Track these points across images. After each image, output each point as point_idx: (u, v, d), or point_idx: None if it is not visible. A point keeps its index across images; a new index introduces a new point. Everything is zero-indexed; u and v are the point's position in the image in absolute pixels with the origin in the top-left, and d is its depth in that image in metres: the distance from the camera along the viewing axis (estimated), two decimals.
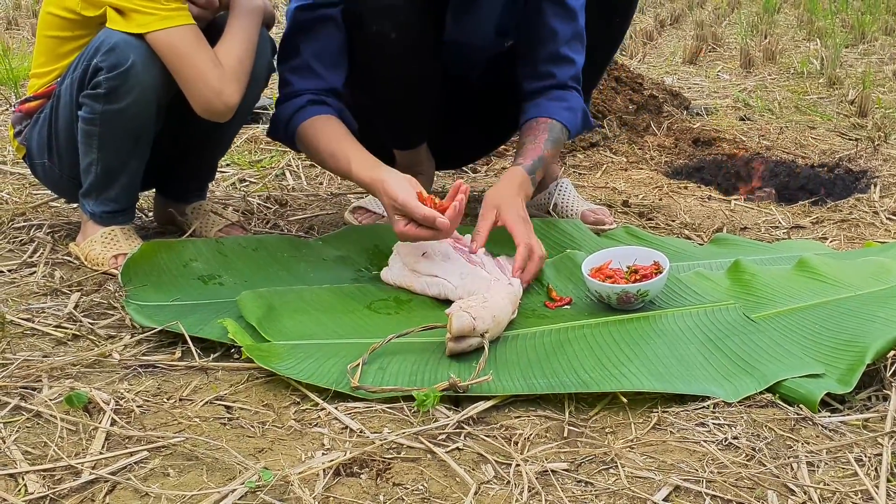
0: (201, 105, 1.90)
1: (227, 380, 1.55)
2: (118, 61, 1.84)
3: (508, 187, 2.02)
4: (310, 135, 2.05)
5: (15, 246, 2.14)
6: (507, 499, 1.23)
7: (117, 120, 1.90)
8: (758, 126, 3.80)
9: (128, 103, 1.88)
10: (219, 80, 1.88)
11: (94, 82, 1.88)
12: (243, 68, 1.94)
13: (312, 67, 2.10)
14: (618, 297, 1.77)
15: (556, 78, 2.22)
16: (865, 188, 2.98)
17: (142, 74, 1.86)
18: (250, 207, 2.53)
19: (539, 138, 2.15)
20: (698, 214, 2.68)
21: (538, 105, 2.22)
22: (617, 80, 3.70)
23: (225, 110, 1.91)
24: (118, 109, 1.89)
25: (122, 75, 1.85)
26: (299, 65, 2.10)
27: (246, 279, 1.88)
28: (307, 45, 2.10)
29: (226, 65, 1.90)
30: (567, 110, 2.21)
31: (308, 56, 2.10)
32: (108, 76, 1.85)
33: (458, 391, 1.46)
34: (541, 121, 2.19)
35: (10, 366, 1.53)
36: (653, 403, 1.50)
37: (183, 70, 1.88)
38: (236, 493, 1.20)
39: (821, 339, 1.69)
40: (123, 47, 1.84)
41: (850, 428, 1.46)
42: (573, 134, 2.27)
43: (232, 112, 1.93)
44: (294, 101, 2.09)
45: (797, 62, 5.28)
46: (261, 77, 2.07)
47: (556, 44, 2.19)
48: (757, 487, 1.28)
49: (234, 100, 1.91)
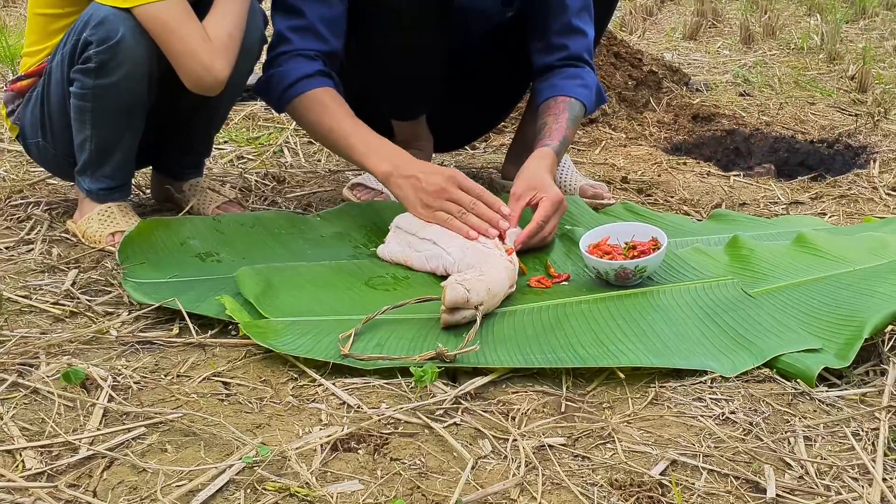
0: (191, 80, 1.89)
1: (224, 356, 1.55)
2: (108, 34, 1.83)
3: (540, 167, 2.01)
4: (310, 106, 2.02)
5: (12, 223, 2.13)
6: (504, 473, 1.24)
7: (109, 94, 1.89)
8: (757, 102, 3.78)
9: (119, 77, 1.87)
10: (208, 55, 1.87)
11: (85, 56, 1.86)
12: (233, 42, 1.92)
13: (318, 30, 2.06)
14: (616, 273, 1.76)
15: (569, 50, 2.21)
16: (865, 164, 2.97)
17: (132, 47, 1.85)
18: (248, 184, 2.52)
19: (561, 118, 2.14)
20: (697, 190, 2.67)
21: (554, 85, 2.21)
22: (616, 56, 3.68)
23: (215, 84, 1.90)
24: (110, 83, 1.88)
25: (112, 48, 1.84)
26: (303, 25, 2.06)
27: (243, 256, 1.88)
28: (312, 6, 2.06)
29: (215, 38, 1.88)
30: (583, 87, 2.21)
31: (313, 18, 2.05)
32: (97, 50, 1.84)
33: (446, 360, 1.46)
34: (559, 99, 2.18)
35: (8, 342, 1.53)
36: (650, 379, 1.50)
37: (171, 44, 1.86)
38: (234, 468, 1.21)
39: (819, 315, 1.68)
40: (113, 20, 1.83)
41: (847, 402, 1.46)
42: (589, 111, 2.26)
43: (222, 86, 1.91)
44: (299, 65, 2.04)
45: (797, 38, 5.25)
46: (253, 50, 2.05)
47: (567, 15, 2.19)
48: (754, 461, 1.28)
49: (224, 74, 1.90)
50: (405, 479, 1.21)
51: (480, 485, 1.21)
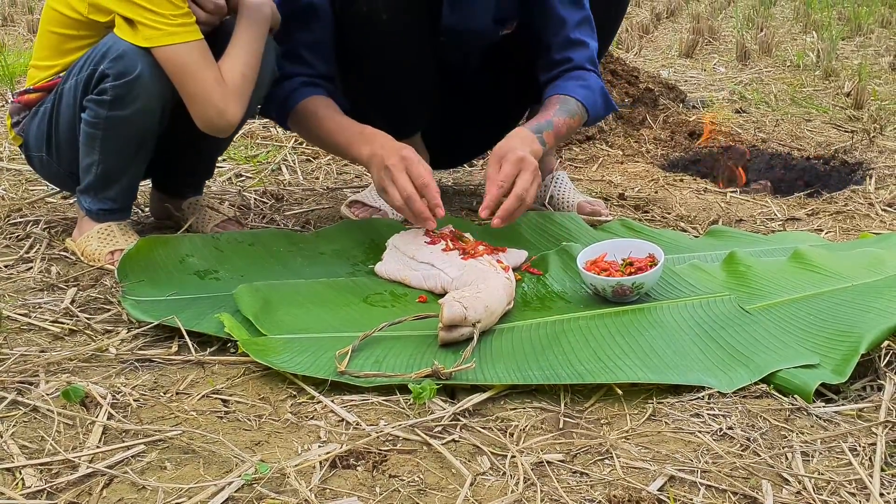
0: (203, 122, 1.92)
1: (223, 373, 1.55)
2: (126, 69, 1.84)
3: (511, 139, 2.01)
4: (305, 114, 2.11)
5: (11, 242, 2.14)
6: (502, 490, 1.24)
7: (121, 126, 1.91)
8: (754, 119, 3.80)
9: (133, 111, 1.88)
10: (222, 99, 1.88)
11: (100, 88, 1.87)
12: (247, 83, 1.94)
13: (303, 56, 2.14)
14: (613, 290, 1.77)
15: (573, 62, 2.22)
16: (861, 180, 2.99)
17: (149, 84, 1.86)
18: (246, 202, 2.53)
19: (550, 109, 2.13)
20: (694, 207, 2.68)
21: (554, 86, 2.21)
22: (613, 74, 3.70)
23: (227, 127, 1.93)
24: (123, 116, 1.89)
25: (130, 84, 1.85)
26: (290, 50, 2.13)
27: (242, 274, 1.89)
28: (299, 34, 2.13)
29: (229, 81, 1.90)
30: (583, 88, 2.19)
31: (299, 45, 2.13)
32: (114, 84, 1.86)
33: (441, 378, 1.46)
34: (553, 98, 2.17)
35: (7, 361, 1.53)
36: (648, 395, 1.50)
37: (187, 86, 1.88)
38: (233, 485, 1.21)
39: (816, 330, 1.69)
40: (132, 56, 1.84)
41: (844, 418, 1.47)
42: (593, 113, 2.22)
43: (233, 128, 1.95)
44: (287, 84, 2.13)
45: (793, 55, 5.28)
46: (264, 83, 2.05)
47: (566, 29, 2.20)
48: (751, 477, 1.28)
49: (237, 118, 1.92)
50: (404, 496, 1.22)
51: (479, 501, 1.21)
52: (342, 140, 2.05)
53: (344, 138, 2.05)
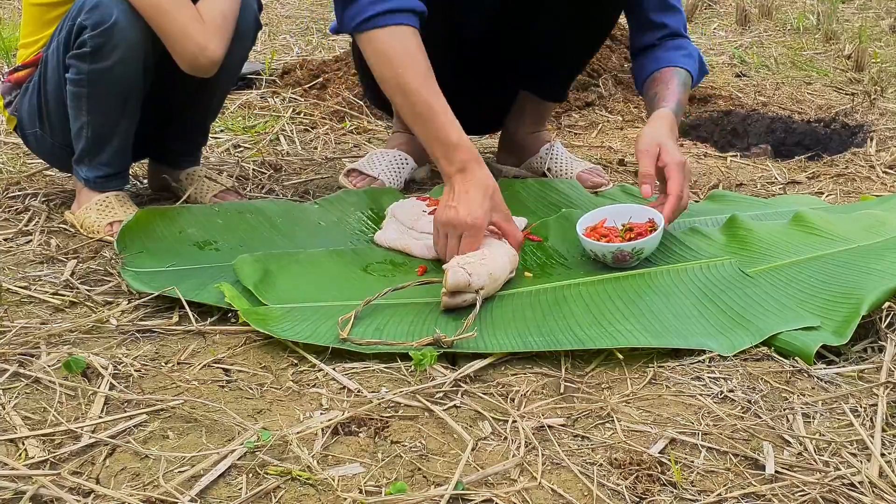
0: (185, 61, 1.90)
1: (224, 343, 1.55)
2: (102, 18, 1.84)
3: (662, 127, 1.98)
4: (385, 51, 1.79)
5: (10, 215, 2.13)
6: (504, 454, 1.24)
7: (105, 79, 1.90)
8: (754, 83, 3.78)
9: (114, 61, 1.88)
10: (202, 35, 1.88)
11: (80, 41, 1.87)
12: (227, 22, 1.93)
13: None
14: (613, 256, 1.77)
15: (668, 28, 2.21)
16: (862, 142, 2.97)
17: (126, 30, 1.86)
18: (245, 173, 2.52)
19: (671, 84, 2.12)
20: (694, 171, 2.67)
21: (658, 58, 2.20)
22: (612, 38, 3.67)
23: (209, 64, 1.91)
24: (105, 68, 1.88)
25: (107, 32, 1.85)
26: None
27: (241, 244, 1.88)
28: None
29: (208, 20, 1.90)
30: (687, 57, 2.20)
31: None
32: (92, 34, 1.85)
33: (443, 346, 1.46)
34: (665, 70, 2.17)
35: (8, 333, 1.53)
36: (648, 359, 1.50)
37: (164, 26, 1.87)
38: (235, 453, 1.21)
39: (816, 293, 1.69)
40: (107, 4, 1.84)
41: (845, 379, 1.47)
42: (695, 81, 2.23)
43: (216, 66, 1.93)
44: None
45: (793, 18, 5.24)
46: (247, 34, 2.05)
47: None
48: (752, 439, 1.29)
49: (219, 54, 1.91)
50: (406, 462, 1.22)
51: (481, 466, 1.21)
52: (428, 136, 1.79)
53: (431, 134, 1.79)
